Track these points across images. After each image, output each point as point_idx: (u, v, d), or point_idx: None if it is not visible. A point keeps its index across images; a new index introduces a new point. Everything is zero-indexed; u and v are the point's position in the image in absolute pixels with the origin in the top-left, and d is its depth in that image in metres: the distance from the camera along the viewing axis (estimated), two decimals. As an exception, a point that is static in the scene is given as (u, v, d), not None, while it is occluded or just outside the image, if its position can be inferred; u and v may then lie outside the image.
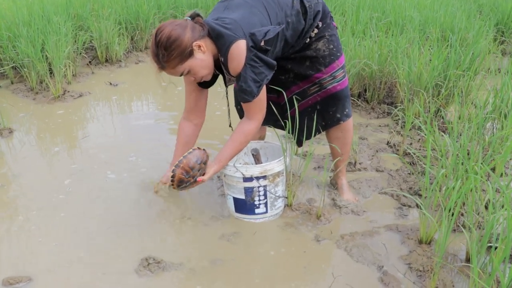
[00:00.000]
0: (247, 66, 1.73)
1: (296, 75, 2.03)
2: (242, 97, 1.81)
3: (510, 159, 2.53)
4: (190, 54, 1.74)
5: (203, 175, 1.86)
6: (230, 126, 2.16)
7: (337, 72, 2.02)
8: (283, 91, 2.03)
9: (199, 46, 1.74)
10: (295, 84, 2.06)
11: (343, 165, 2.26)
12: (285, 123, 2.11)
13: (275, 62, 1.80)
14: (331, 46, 1.99)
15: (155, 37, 1.73)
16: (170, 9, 5.84)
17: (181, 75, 1.80)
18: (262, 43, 1.71)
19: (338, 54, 2.02)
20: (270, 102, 2.09)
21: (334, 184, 2.35)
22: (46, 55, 3.82)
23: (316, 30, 1.96)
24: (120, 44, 4.76)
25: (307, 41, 1.96)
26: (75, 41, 4.38)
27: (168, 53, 1.71)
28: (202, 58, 1.77)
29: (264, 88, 1.81)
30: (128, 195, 2.33)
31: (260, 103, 1.84)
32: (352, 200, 2.23)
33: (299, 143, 2.20)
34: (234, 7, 1.81)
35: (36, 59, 3.70)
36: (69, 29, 4.15)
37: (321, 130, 2.18)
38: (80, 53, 4.40)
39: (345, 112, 2.11)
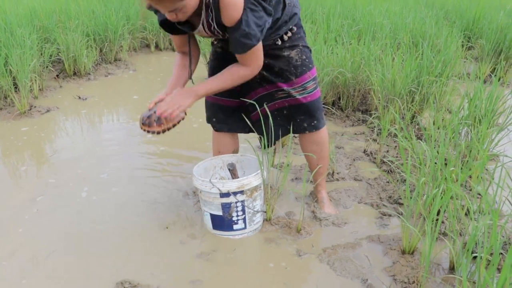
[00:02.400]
0: (248, 10, 1.66)
1: (263, 78, 1.96)
2: (245, 44, 1.71)
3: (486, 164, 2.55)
4: None
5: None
6: (190, 78, 2.03)
7: (308, 83, 1.97)
8: (248, 92, 2.00)
9: None
10: (262, 86, 2.00)
11: (321, 178, 2.21)
12: (253, 125, 2.07)
13: (271, 8, 1.74)
14: (304, 57, 1.95)
15: None
16: (139, 20, 5.76)
17: (170, 11, 1.64)
18: None
19: (310, 65, 1.98)
20: (234, 108, 2.08)
21: (314, 197, 2.31)
22: (10, 69, 3.67)
23: (289, 34, 1.91)
24: (89, 56, 4.64)
25: (278, 43, 1.90)
26: (41, 54, 4.23)
27: None
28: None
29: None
30: (100, 215, 2.22)
31: (258, 51, 1.78)
32: (333, 213, 2.19)
33: (263, 147, 2.10)
34: None
35: (-1, 73, 3.55)
36: (34, 41, 4.00)
37: (285, 134, 2.12)
38: (47, 67, 4.26)
39: (313, 124, 2.04)
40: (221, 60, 2.00)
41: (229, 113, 2.11)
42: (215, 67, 2.02)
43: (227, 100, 2.07)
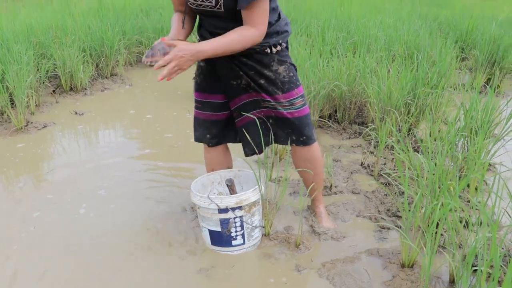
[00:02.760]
0: None
1: (248, 85, 1.94)
2: None
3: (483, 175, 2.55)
4: None
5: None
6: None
7: (296, 99, 1.95)
8: (233, 98, 1.98)
9: None
10: (247, 92, 1.96)
11: (317, 192, 2.21)
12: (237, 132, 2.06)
13: None
14: (291, 74, 1.94)
15: None
16: (135, 34, 5.78)
17: None
18: None
19: (298, 83, 1.97)
20: (226, 121, 2.06)
21: (312, 211, 2.30)
22: (6, 85, 3.67)
23: (279, 47, 1.90)
24: (85, 71, 4.64)
25: (267, 50, 1.87)
26: (38, 69, 4.23)
27: None
28: None
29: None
30: (98, 232, 2.21)
31: (266, 10, 1.74)
32: (332, 227, 2.18)
33: (246, 154, 2.10)
34: None
35: (-4, 89, 3.55)
36: (30, 57, 4.00)
37: (272, 143, 2.07)
38: (44, 82, 4.25)
39: (301, 139, 2.01)
40: (207, 76, 2.00)
41: (222, 126, 2.09)
42: (201, 83, 2.02)
43: (220, 114, 2.05)
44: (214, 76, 1.97)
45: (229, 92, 1.98)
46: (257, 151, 2.05)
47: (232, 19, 1.77)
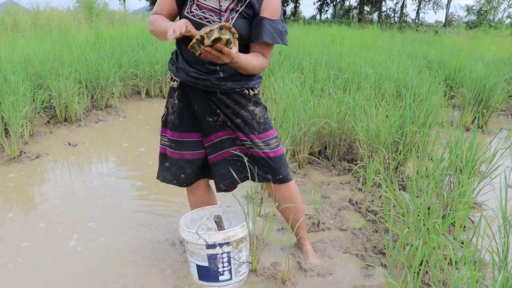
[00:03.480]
0: (281, 14, 1.88)
1: (225, 122, 1.97)
2: (284, 38, 1.87)
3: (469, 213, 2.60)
4: None
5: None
6: None
7: (271, 140, 2.00)
8: (209, 134, 1.99)
9: None
10: (223, 129, 1.99)
11: (302, 230, 2.24)
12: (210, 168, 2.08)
13: None
14: (266, 116, 2.01)
15: None
16: (130, 67, 5.89)
17: None
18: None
19: (271, 125, 2.03)
20: (201, 159, 2.05)
21: (299, 248, 2.33)
22: (1, 115, 3.72)
23: (256, 91, 1.98)
24: (80, 103, 4.72)
25: (246, 92, 1.94)
26: (33, 100, 4.29)
27: None
28: None
29: None
30: (86, 267, 2.21)
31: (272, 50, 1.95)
32: (318, 263, 2.21)
33: (218, 190, 2.10)
34: None
35: (-9, 120, 3.59)
36: (27, 88, 4.07)
37: (246, 179, 2.09)
38: (39, 112, 4.31)
39: (278, 177, 2.02)
40: (182, 113, 1.99)
41: (198, 164, 2.07)
42: (175, 121, 2.00)
43: (196, 152, 2.04)
44: (188, 113, 1.98)
45: (205, 129, 1.98)
46: (229, 188, 2.08)
47: None
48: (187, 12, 1.82)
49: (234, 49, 1.66)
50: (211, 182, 2.20)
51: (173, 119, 2.01)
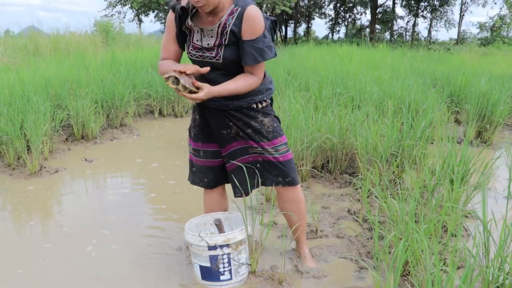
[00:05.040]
0: (267, 30, 2.00)
1: (237, 134, 2.20)
2: (265, 55, 2.00)
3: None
4: None
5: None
6: None
7: (280, 146, 2.21)
8: (224, 145, 2.22)
9: None
10: (236, 140, 2.21)
11: (302, 234, 2.41)
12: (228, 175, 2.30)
13: None
14: (275, 125, 2.22)
15: None
16: (144, 88, 6.15)
17: None
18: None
19: (281, 133, 2.24)
20: (219, 166, 2.30)
21: (297, 253, 2.49)
22: (24, 133, 3.98)
23: (264, 104, 2.19)
24: (96, 121, 4.98)
25: (253, 106, 2.15)
26: (53, 119, 4.57)
27: None
28: None
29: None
30: (99, 272, 2.40)
31: (264, 65, 2.08)
32: (314, 266, 2.37)
33: (235, 195, 2.32)
34: None
35: (15, 136, 3.86)
36: (47, 108, 4.35)
37: (258, 186, 2.30)
38: (57, 130, 4.59)
39: (287, 179, 2.23)
40: (201, 128, 2.26)
41: (217, 170, 2.32)
42: (197, 134, 2.29)
43: (214, 160, 2.30)
44: (206, 127, 2.25)
45: (221, 141, 2.24)
46: (243, 193, 2.28)
47: (226, 70, 2.07)
48: (188, 52, 2.12)
49: (204, 89, 1.91)
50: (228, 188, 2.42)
51: (195, 131, 2.30)
